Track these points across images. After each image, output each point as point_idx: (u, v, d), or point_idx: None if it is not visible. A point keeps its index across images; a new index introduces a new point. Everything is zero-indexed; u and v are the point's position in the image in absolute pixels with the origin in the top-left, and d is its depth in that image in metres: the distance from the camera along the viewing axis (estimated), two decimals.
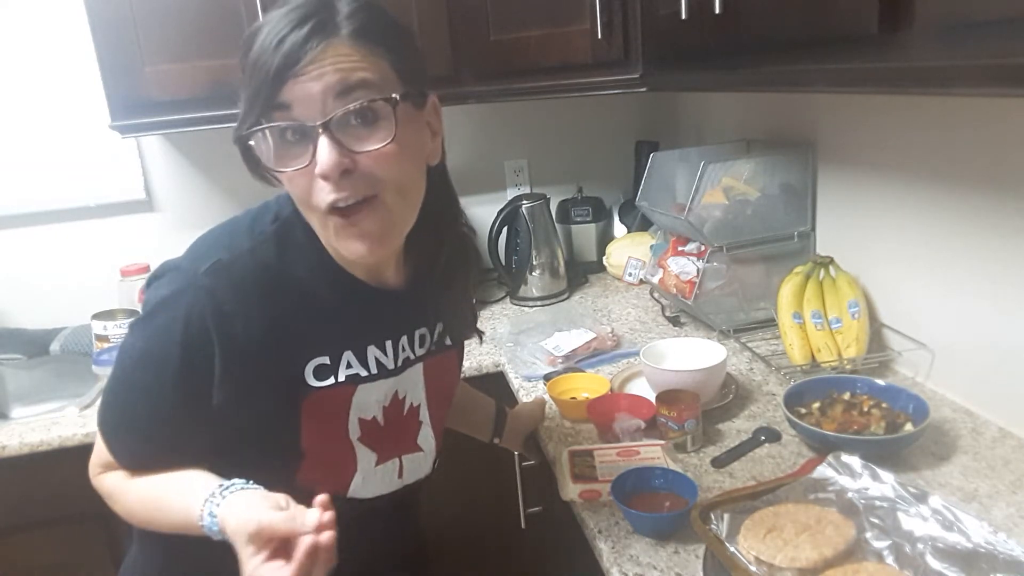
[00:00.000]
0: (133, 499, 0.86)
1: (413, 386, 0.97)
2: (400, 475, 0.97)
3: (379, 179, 0.77)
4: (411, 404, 0.97)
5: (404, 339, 0.94)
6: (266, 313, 0.82)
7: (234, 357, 0.80)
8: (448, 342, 1.02)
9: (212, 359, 0.80)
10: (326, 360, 0.86)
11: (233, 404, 0.82)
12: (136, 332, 0.84)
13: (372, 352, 0.90)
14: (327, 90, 0.73)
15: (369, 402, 0.91)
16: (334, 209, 0.76)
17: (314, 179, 0.75)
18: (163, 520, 0.83)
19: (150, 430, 0.84)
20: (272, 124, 0.74)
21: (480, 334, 1.12)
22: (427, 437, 1.00)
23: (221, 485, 0.77)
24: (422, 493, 1.07)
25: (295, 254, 0.85)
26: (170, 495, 0.83)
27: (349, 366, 0.88)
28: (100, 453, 0.88)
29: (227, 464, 0.85)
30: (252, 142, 0.77)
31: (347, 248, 0.79)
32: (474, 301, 1.11)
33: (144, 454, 0.86)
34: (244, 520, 0.71)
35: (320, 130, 0.73)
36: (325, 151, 0.73)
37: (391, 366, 0.92)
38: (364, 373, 0.89)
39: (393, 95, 0.76)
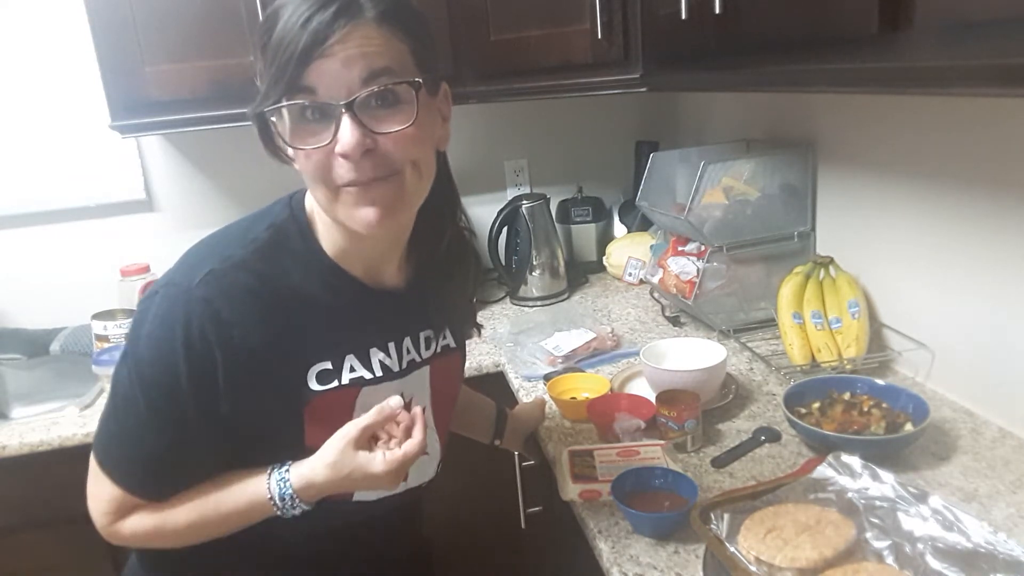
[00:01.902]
0: (182, 521, 0.84)
1: (419, 389, 0.97)
2: (405, 478, 0.96)
3: (398, 158, 0.78)
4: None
5: (408, 340, 0.94)
6: (263, 321, 0.81)
7: (235, 364, 0.80)
8: (452, 344, 1.02)
9: (215, 367, 0.79)
10: (328, 365, 0.86)
11: (239, 411, 0.82)
12: (135, 355, 0.81)
13: (375, 354, 0.90)
14: (352, 73, 0.74)
15: (374, 405, 0.90)
16: (350, 184, 0.77)
17: (333, 157, 0.76)
18: (224, 519, 0.84)
19: (167, 449, 0.83)
20: (295, 102, 0.75)
21: (479, 328, 1.12)
22: (432, 441, 1.00)
23: (273, 466, 0.84)
24: (426, 496, 1.07)
25: (290, 260, 0.85)
26: (225, 495, 0.84)
27: (352, 369, 0.88)
28: (107, 499, 0.84)
29: (230, 468, 0.85)
30: (274, 119, 0.77)
31: (358, 218, 0.79)
32: (474, 301, 1.11)
33: (162, 477, 0.84)
34: (340, 438, 0.81)
35: (343, 110, 0.74)
36: (348, 131, 0.74)
37: (396, 368, 0.92)
38: (368, 376, 0.89)
39: (416, 79, 0.77)
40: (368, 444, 0.82)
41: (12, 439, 1.49)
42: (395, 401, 0.81)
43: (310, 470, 0.82)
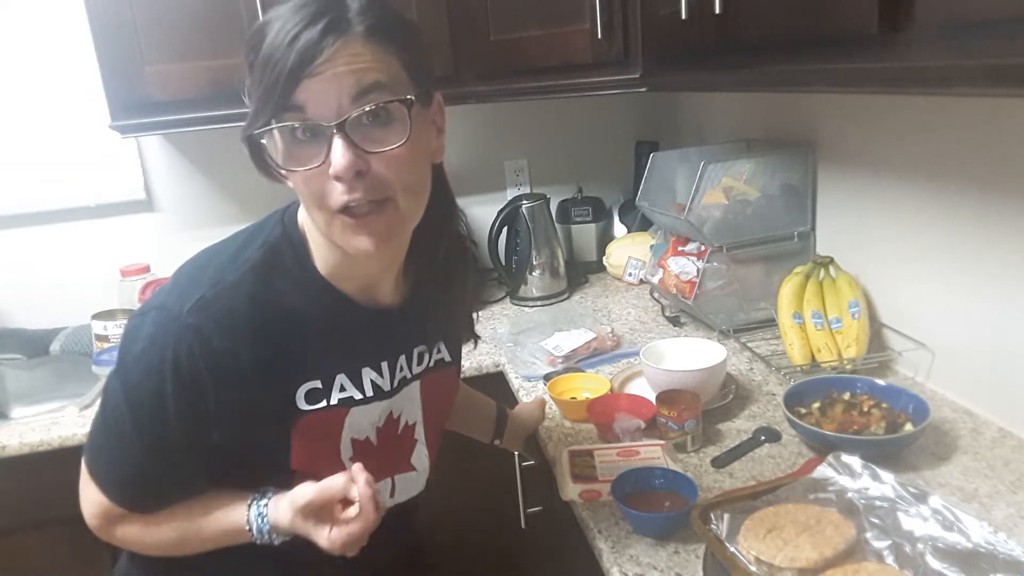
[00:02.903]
0: (163, 537, 0.86)
1: (410, 405, 0.96)
2: (392, 494, 0.96)
3: (390, 183, 0.76)
4: (406, 423, 0.96)
5: (402, 359, 0.93)
6: (255, 344, 0.81)
7: (226, 390, 0.80)
8: (447, 358, 1.01)
9: (206, 397, 0.79)
10: (318, 384, 0.85)
11: (228, 435, 0.82)
12: (125, 374, 0.82)
13: (367, 374, 0.89)
14: (342, 91, 0.72)
15: (363, 423, 0.90)
16: (345, 210, 0.76)
17: (327, 180, 0.74)
18: (204, 542, 0.86)
19: (151, 467, 0.83)
20: (285, 124, 0.73)
21: (476, 338, 1.11)
22: (421, 456, 0.99)
23: (257, 493, 0.85)
24: (418, 507, 1.06)
25: (283, 281, 0.84)
26: (207, 520, 0.85)
27: (343, 389, 0.87)
28: (96, 502, 0.86)
29: (215, 486, 0.86)
30: (264, 141, 0.76)
31: (354, 245, 0.78)
32: (474, 311, 1.10)
33: (145, 493, 0.85)
34: (289, 505, 0.80)
35: (335, 130, 0.72)
36: (339, 152, 0.72)
37: (387, 387, 0.91)
38: (358, 396, 0.88)
39: (408, 96, 0.75)
40: (319, 514, 0.80)
41: (12, 439, 1.49)
42: (338, 483, 0.78)
43: (279, 513, 0.83)
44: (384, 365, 0.91)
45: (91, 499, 0.87)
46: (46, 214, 2.00)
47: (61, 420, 1.56)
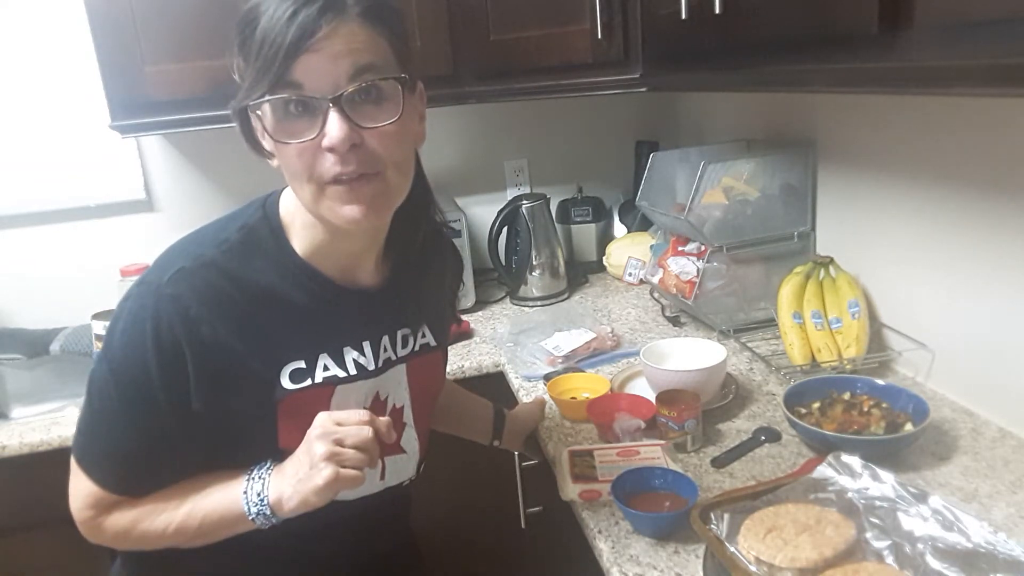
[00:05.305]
0: (160, 522, 0.85)
1: (396, 387, 0.97)
2: (382, 477, 0.97)
3: (381, 158, 0.79)
4: (394, 405, 0.97)
5: (386, 339, 0.94)
6: (233, 318, 0.82)
7: (205, 360, 0.81)
8: (432, 343, 1.02)
9: (185, 362, 0.80)
10: (301, 364, 0.86)
11: (211, 407, 0.82)
12: (110, 353, 0.83)
13: (349, 354, 0.90)
14: (339, 69, 0.75)
15: (349, 403, 0.91)
16: (336, 180, 0.77)
17: (319, 152, 0.77)
18: (205, 518, 0.84)
19: (140, 444, 0.83)
20: (281, 96, 0.75)
21: (458, 320, 1.13)
22: (411, 439, 1.00)
23: (249, 474, 0.84)
24: (410, 497, 1.06)
25: (262, 261, 0.85)
26: (203, 503, 0.84)
27: (326, 368, 0.88)
28: (87, 494, 0.85)
29: (206, 467, 0.86)
30: (259, 112, 0.78)
31: (343, 215, 0.79)
32: (456, 298, 1.13)
33: (136, 473, 0.85)
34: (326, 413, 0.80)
35: (330, 104, 0.75)
36: (335, 125, 0.75)
37: (371, 367, 0.92)
38: (342, 374, 0.89)
39: (402, 75, 0.79)
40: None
41: (12, 439, 1.49)
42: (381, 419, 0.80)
43: (285, 464, 0.83)
44: (366, 345, 0.92)
45: (81, 491, 0.86)
46: (46, 214, 2.00)
47: (61, 420, 1.56)
